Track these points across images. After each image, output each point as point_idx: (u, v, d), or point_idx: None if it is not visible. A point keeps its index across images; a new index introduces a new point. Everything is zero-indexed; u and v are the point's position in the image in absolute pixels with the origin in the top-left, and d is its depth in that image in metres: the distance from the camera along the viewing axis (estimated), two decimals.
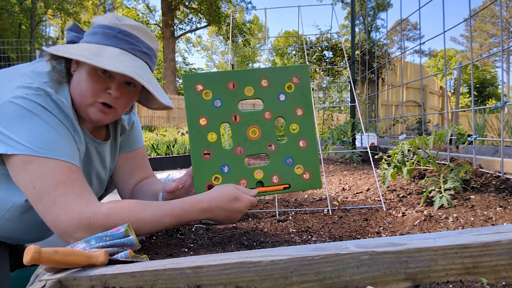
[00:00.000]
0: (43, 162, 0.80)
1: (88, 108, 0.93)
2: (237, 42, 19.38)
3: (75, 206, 0.80)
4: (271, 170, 0.96)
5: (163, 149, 5.24)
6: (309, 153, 0.97)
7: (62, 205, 0.80)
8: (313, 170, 0.97)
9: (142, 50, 0.94)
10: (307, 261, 0.59)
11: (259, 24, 39.01)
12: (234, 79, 0.95)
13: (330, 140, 2.88)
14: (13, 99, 0.81)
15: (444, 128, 1.37)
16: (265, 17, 2.34)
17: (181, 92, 27.47)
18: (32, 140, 0.80)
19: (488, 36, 32.32)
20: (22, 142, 0.79)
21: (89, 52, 0.86)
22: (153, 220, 0.84)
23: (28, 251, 0.54)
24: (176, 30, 19.46)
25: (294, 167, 0.96)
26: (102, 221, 0.80)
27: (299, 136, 0.97)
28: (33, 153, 0.79)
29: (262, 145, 0.96)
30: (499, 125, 5.41)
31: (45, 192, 0.80)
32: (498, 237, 0.61)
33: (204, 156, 0.94)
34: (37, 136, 0.81)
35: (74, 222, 0.79)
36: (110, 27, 0.91)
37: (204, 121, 0.93)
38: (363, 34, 9.80)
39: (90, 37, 0.93)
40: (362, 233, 1.08)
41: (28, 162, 0.80)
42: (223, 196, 0.88)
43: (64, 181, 0.81)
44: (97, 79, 0.90)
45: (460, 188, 1.28)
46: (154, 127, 14.35)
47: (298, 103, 0.97)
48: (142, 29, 0.95)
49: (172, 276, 0.59)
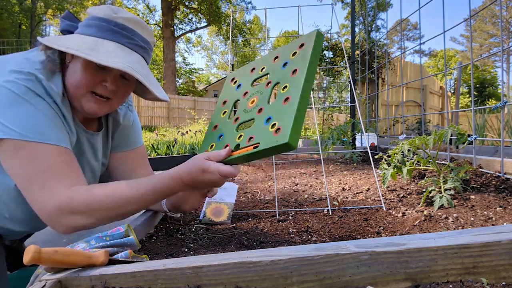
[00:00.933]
0: (33, 147, 0.82)
1: (82, 99, 0.93)
2: (237, 42, 19.38)
3: (60, 190, 0.81)
4: (251, 131, 0.89)
5: (163, 149, 5.24)
6: (288, 108, 0.84)
7: (48, 189, 0.81)
8: (284, 124, 0.82)
9: (138, 44, 0.94)
10: (307, 261, 0.59)
11: (259, 24, 39.01)
12: (255, 65, 1.04)
13: (330, 140, 2.88)
14: (4, 83, 0.82)
15: (444, 128, 1.37)
16: (265, 17, 2.34)
17: (181, 92, 27.48)
18: (21, 125, 0.81)
19: (488, 36, 32.31)
20: (11, 127, 0.80)
21: (85, 45, 0.86)
22: (137, 198, 0.84)
23: (28, 251, 0.54)
24: (176, 30, 19.46)
25: (269, 125, 0.86)
26: (84, 199, 0.81)
27: (285, 94, 0.88)
28: (22, 137, 0.81)
29: (254, 111, 0.93)
30: (499, 125, 5.41)
31: (33, 177, 0.81)
32: (498, 237, 0.61)
33: (213, 129, 1.01)
34: (26, 121, 0.82)
35: (56, 205, 0.80)
36: (106, 19, 0.90)
37: (225, 102, 1.04)
38: (363, 34, 9.80)
39: (85, 28, 0.92)
40: (362, 233, 1.08)
41: (17, 147, 0.81)
42: (195, 167, 0.86)
43: (51, 165, 0.82)
44: (93, 72, 0.90)
45: (460, 188, 1.28)
46: (154, 127, 14.35)
47: (296, 64, 0.91)
48: (138, 22, 0.94)
49: (172, 276, 0.59)
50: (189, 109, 14.96)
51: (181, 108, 16.79)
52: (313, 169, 2.58)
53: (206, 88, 34.63)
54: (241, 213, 1.34)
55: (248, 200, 1.59)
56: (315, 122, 9.10)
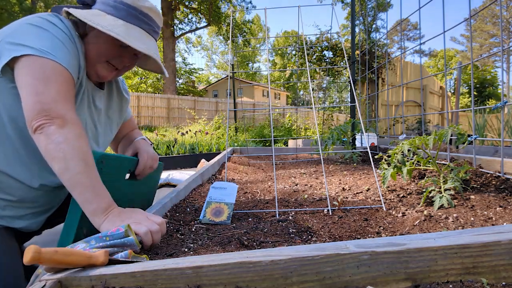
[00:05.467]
0: (45, 62, 0.89)
1: (98, 65, 1.08)
2: (237, 42, 19.37)
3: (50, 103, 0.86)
4: None
5: (163, 149, 5.23)
6: None
7: (41, 96, 0.86)
8: None
9: (154, 30, 1.13)
10: (307, 261, 0.59)
11: (259, 24, 38.99)
12: None
13: (330, 140, 2.88)
14: (27, 20, 0.95)
15: (444, 128, 1.37)
16: (265, 17, 2.35)
17: (181, 92, 27.48)
18: (38, 44, 0.89)
19: (488, 36, 32.31)
20: (28, 45, 0.89)
21: (118, 28, 1.00)
22: (70, 176, 0.84)
23: (28, 251, 0.54)
24: (176, 30, 19.45)
25: None
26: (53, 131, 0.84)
27: None
28: (38, 53, 0.88)
29: None
30: (499, 125, 5.41)
31: (35, 84, 0.87)
32: (498, 237, 0.61)
33: None
34: (43, 42, 0.91)
35: (36, 110, 0.85)
36: (134, 7, 1.06)
37: None
38: (363, 34, 9.80)
39: (114, 10, 1.05)
40: (362, 233, 1.08)
41: (31, 61, 0.88)
42: (133, 213, 0.90)
43: (53, 81, 0.89)
44: (116, 47, 1.07)
45: (460, 188, 1.28)
46: (154, 127, 14.35)
47: None
48: (155, 11, 1.12)
49: (172, 276, 0.59)
50: (189, 109, 14.97)
51: (181, 108, 16.79)
52: (313, 169, 2.58)
53: (206, 88, 34.64)
54: (241, 213, 1.34)
55: (248, 200, 1.59)
56: (315, 122, 9.10)
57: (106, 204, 0.87)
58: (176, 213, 1.30)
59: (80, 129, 0.89)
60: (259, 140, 7.15)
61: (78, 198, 0.85)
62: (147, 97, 16.45)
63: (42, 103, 0.85)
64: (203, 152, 5.50)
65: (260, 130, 9.27)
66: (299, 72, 13.23)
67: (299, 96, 17.28)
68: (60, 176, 0.85)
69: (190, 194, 1.69)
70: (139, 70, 26.58)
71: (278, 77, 38.92)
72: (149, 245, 0.85)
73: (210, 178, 2.23)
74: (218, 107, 18.31)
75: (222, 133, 7.71)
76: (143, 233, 0.83)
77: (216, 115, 11.96)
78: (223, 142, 6.01)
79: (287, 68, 10.06)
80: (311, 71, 8.45)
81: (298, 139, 5.35)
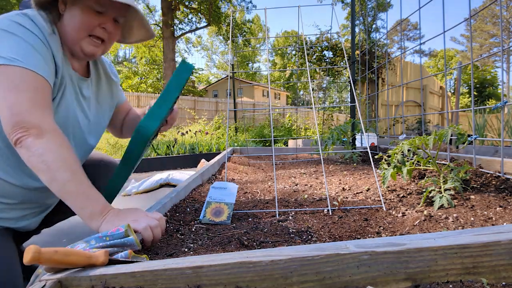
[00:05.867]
0: (14, 71, 0.86)
1: (82, 42, 1.02)
2: (237, 42, 19.38)
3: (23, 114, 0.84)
4: None
5: (163, 149, 5.23)
6: None
7: (13, 108, 0.84)
8: None
9: None
10: (307, 261, 0.59)
11: (259, 24, 38.99)
12: None
13: (330, 140, 2.88)
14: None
15: (444, 128, 1.37)
16: (265, 17, 2.34)
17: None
18: (4, 51, 0.86)
19: (488, 36, 32.31)
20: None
21: None
22: (59, 187, 0.84)
23: (28, 251, 0.54)
24: (176, 30, 19.44)
25: None
26: (31, 144, 0.83)
27: None
28: (5, 62, 0.85)
29: None
30: (499, 125, 5.41)
31: (6, 96, 0.85)
32: (498, 237, 0.61)
33: None
34: (12, 48, 0.87)
35: (11, 123, 0.84)
36: None
37: None
38: (363, 34, 9.80)
39: None
40: (362, 233, 1.08)
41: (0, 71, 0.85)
42: (131, 212, 0.89)
43: (24, 89, 0.86)
44: (92, 15, 1.01)
45: (460, 188, 1.28)
46: None
47: None
48: None
49: (172, 276, 0.59)
50: (189, 109, 14.97)
51: (181, 108, 16.77)
52: (313, 169, 2.58)
53: (206, 88, 34.63)
54: (241, 213, 1.34)
55: (248, 200, 1.59)
56: (315, 122, 9.10)
57: (100, 206, 0.86)
58: (176, 213, 1.30)
59: (59, 136, 0.88)
60: (259, 140, 7.15)
61: (73, 207, 0.85)
62: (147, 97, 16.46)
63: (16, 115, 0.83)
64: (203, 152, 5.50)
65: (260, 130, 9.27)
66: (299, 72, 13.23)
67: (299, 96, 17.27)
68: (49, 187, 0.85)
69: (190, 194, 1.69)
70: (139, 70, 26.61)
71: (278, 77, 38.95)
72: (150, 240, 0.85)
73: (210, 178, 2.23)
74: (218, 107, 18.32)
75: (222, 133, 7.71)
76: (142, 228, 0.83)
77: (216, 115, 11.97)
78: (223, 142, 6.01)
79: (287, 68, 10.07)
80: (311, 71, 8.45)
81: (298, 139, 5.36)
